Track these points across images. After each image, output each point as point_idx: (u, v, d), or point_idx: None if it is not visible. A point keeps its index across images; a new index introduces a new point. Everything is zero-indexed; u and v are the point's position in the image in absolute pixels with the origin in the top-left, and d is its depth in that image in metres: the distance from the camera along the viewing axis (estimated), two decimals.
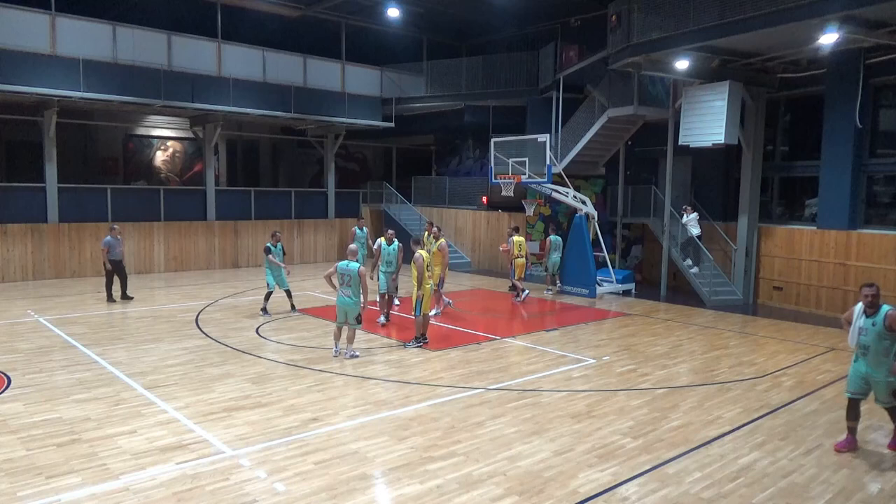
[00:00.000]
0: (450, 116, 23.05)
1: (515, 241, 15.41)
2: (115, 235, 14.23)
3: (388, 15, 20.32)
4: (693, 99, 14.69)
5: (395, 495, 5.42)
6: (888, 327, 6.12)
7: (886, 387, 6.29)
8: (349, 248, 9.87)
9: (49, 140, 17.22)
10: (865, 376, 6.37)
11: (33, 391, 7.86)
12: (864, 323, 6.29)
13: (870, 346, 6.25)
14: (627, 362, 9.87)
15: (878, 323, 6.16)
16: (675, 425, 7.15)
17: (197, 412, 7.23)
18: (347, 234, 23.84)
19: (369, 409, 7.47)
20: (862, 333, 6.30)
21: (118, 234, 14.41)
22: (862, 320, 6.31)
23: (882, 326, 6.14)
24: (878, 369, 6.26)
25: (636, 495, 5.48)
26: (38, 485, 5.41)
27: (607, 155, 19.24)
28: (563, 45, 19.95)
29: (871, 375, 6.33)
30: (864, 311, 6.31)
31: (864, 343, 6.30)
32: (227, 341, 10.63)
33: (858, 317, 6.36)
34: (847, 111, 13.70)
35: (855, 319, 6.39)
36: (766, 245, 15.71)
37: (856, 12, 11.01)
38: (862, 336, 6.30)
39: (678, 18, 13.16)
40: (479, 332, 11.76)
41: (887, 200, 14.34)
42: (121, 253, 14.37)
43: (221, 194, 21.02)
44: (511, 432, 6.82)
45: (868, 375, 6.35)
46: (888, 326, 6.12)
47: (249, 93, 19.40)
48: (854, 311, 6.43)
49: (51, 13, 16.22)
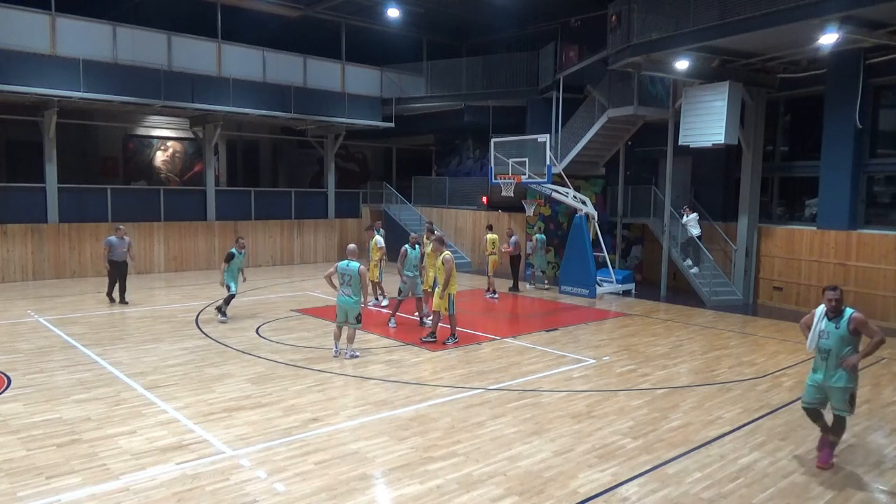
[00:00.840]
0: (450, 116, 23.05)
1: (489, 238, 16.04)
2: (120, 236, 13.86)
3: (387, 15, 20.31)
4: (693, 99, 14.69)
5: (395, 495, 5.42)
6: (852, 331, 5.93)
7: (843, 392, 6.02)
8: (349, 248, 9.90)
9: (49, 140, 17.21)
10: (822, 385, 6.10)
11: (33, 391, 7.86)
12: (826, 326, 6.06)
13: (831, 350, 6.00)
14: (627, 362, 9.87)
15: (842, 326, 5.95)
16: (675, 425, 7.15)
17: (197, 412, 7.23)
18: (347, 234, 24.00)
19: (369, 410, 7.47)
20: (823, 337, 6.06)
21: (123, 234, 13.99)
22: (824, 323, 6.09)
23: (846, 330, 5.93)
24: (836, 373, 6.03)
25: (636, 495, 5.48)
26: (38, 485, 5.41)
27: (607, 155, 19.24)
28: (563, 45, 19.95)
29: (827, 383, 6.06)
30: (827, 314, 6.09)
31: (825, 347, 6.05)
32: (227, 341, 10.63)
33: (820, 320, 6.14)
34: (847, 111, 13.70)
35: (816, 323, 6.17)
36: (766, 245, 15.71)
37: (856, 12, 11.00)
38: (823, 340, 6.06)
39: (678, 18, 13.16)
40: (479, 332, 11.76)
41: (887, 200, 14.33)
42: (123, 254, 13.85)
43: (221, 194, 21.02)
44: (511, 432, 6.82)
45: (824, 384, 6.08)
46: (852, 330, 5.92)
47: (249, 93, 19.40)
48: (815, 315, 6.21)
49: (51, 13, 16.22)
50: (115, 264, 13.79)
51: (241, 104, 19.20)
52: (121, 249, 13.79)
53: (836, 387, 6.02)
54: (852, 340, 5.99)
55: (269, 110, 19.91)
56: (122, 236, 13.89)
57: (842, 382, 5.99)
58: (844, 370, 5.97)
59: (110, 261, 13.76)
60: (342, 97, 21.47)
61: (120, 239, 13.83)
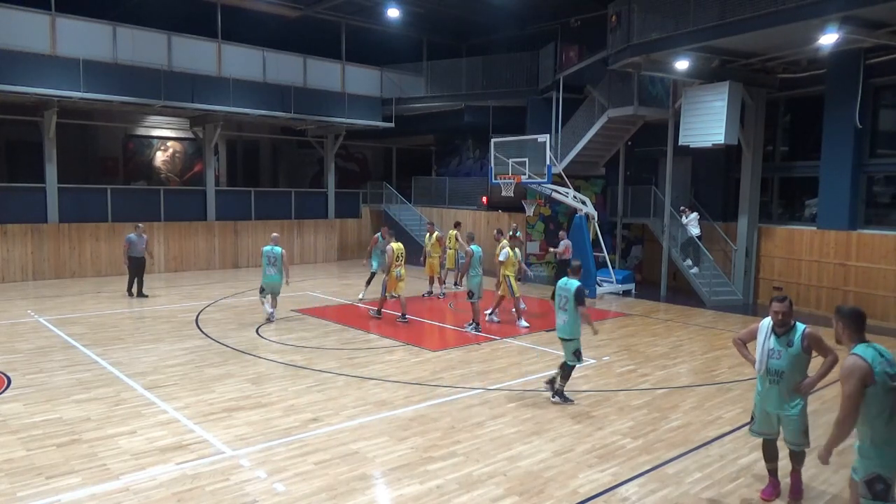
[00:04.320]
0: (450, 116, 23.03)
1: (450, 234, 16.55)
2: (140, 234, 14.85)
3: (388, 15, 20.29)
4: (693, 99, 14.69)
5: (395, 496, 5.42)
6: (805, 349, 5.09)
7: (799, 424, 5.21)
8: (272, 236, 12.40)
9: (49, 140, 17.21)
10: (774, 413, 5.27)
11: (33, 391, 7.86)
12: (774, 344, 5.17)
13: (784, 372, 5.13)
14: (627, 362, 9.87)
15: (796, 343, 5.08)
16: (675, 425, 7.15)
17: (197, 412, 7.23)
18: (348, 234, 24.04)
19: (369, 410, 7.47)
20: (773, 356, 5.17)
21: (142, 232, 15.00)
22: (772, 341, 5.18)
23: (799, 348, 5.08)
24: (791, 400, 5.18)
25: (636, 495, 5.48)
26: (38, 485, 5.41)
27: (607, 155, 19.23)
28: (563, 45, 19.94)
29: (781, 412, 5.22)
30: (774, 329, 5.20)
31: (775, 368, 5.16)
32: (227, 341, 10.64)
33: (767, 336, 5.23)
34: (847, 111, 13.69)
35: (762, 339, 5.25)
36: (765, 245, 15.71)
37: (856, 12, 11.01)
38: (773, 360, 5.17)
39: (678, 19, 13.16)
40: (478, 333, 11.75)
41: (887, 200, 14.33)
42: (142, 251, 14.80)
43: (221, 194, 21.01)
44: (511, 432, 6.82)
45: (777, 412, 5.24)
46: (805, 348, 5.09)
47: (249, 93, 19.39)
48: (759, 329, 5.30)
49: (51, 13, 16.21)
50: (133, 260, 14.72)
51: (241, 104, 19.18)
52: (140, 246, 14.77)
53: (791, 416, 5.20)
54: (806, 360, 5.17)
55: (269, 110, 19.89)
56: (140, 234, 14.96)
57: (797, 410, 5.20)
58: (802, 398, 5.20)
59: (130, 257, 14.67)
60: (342, 97, 21.46)
61: (139, 236, 14.87)
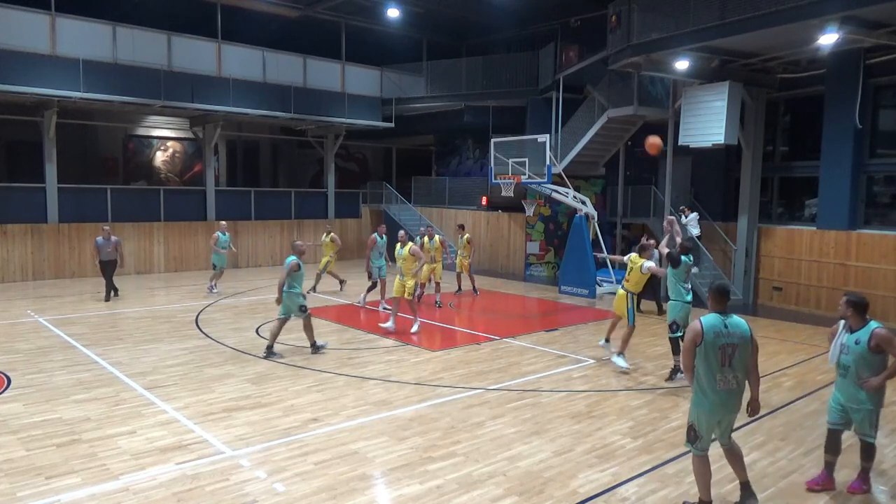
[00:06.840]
0: (450, 116, 23.04)
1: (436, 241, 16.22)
2: (106, 236, 14.05)
3: (387, 15, 20.31)
4: (693, 99, 14.69)
5: (395, 496, 5.42)
6: (873, 348, 5.22)
7: (867, 415, 5.39)
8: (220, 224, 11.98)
9: (49, 140, 17.21)
10: (844, 405, 5.49)
11: (33, 391, 7.86)
12: (846, 339, 5.39)
13: (850, 367, 5.34)
14: (627, 362, 9.85)
15: (862, 342, 5.26)
16: (675, 425, 7.14)
17: (197, 412, 7.22)
18: (348, 234, 23.98)
19: (369, 410, 7.47)
20: (843, 352, 5.40)
21: (109, 234, 14.13)
22: (845, 336, 5.41)
23: (866, 346, 5.23)
24: (857, 395, 5.35)
25: (636, 496, 5.48)
26: (38, 485, 5.41)
27: (607, 155, 19.24)
28: (563, 46, 19.95)
29: (849, 403, 5.43)
30: (849, 326, 5.42)
31: (844, 363, 5.39)
32: (227, 341, 10.64)
33: (842, 332, 5.50)
34: (847, 111, 13.69)
35: (838, 335, 5.54)
36: (765, 245, 15.70)
37: (856, 12, 11.00)
38: (843, 355, 5.40)
39: (678, 18, 13.16)
40: (479, 332, 11.76)
41: (887, 200, 14.33)
42: (110, 254, 14.04)
43: (221, 194, 21.01)
44: (511, 432, 6.82)
45: (846, 404, 5.46)
46: (873, 347, 5.22)
47: (249, 93, 19.39)
48: (839, 325, 5.61)
49: (51, 13, 16.22)
50: (103, 264, 14.12)
51: (241, 104, 19.19)
52: (107, 249, 14.02)
53: (860, 409, 5.43)
54: (875, 359, 5.26)
55: (269, 110, 19.90)
56: (107, 236, 14.08)
57: (867, 404, 5.39)
58: (867, 392, 5.35)
59: (100, 261, 14.09)
60: (342, 97, 21.47)
61: (105, 239, 14.04)
